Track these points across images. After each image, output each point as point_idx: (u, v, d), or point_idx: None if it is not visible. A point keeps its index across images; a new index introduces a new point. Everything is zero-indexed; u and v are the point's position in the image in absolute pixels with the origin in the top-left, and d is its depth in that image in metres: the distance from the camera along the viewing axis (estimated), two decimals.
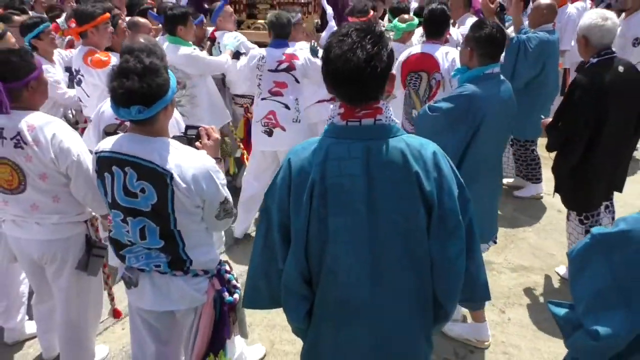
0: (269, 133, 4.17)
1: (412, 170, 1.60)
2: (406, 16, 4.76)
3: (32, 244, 2.58)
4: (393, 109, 1.71)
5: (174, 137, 2.17)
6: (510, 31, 4.85)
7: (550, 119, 3.46)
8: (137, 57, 2.02)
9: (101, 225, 2.80)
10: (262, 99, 4.16)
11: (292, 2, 5.57)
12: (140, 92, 1.94)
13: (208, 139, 2.25)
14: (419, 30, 4.59)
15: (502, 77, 2.87)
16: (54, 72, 4.20)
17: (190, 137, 2.24)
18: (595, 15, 3.24)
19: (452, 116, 2.72)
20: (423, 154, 1.62)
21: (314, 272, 1.73)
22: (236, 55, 4.45)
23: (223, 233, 2.42)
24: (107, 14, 3.90)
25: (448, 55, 3.73)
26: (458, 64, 3.37)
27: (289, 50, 4.10)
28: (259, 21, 5.69)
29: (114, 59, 3.64)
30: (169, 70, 2.09)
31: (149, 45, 2.65)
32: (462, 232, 1.67)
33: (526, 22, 4.87)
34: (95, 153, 2.14)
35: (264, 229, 1.80)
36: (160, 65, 2.04)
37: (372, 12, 4.97)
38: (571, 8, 6.27)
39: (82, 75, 3.85)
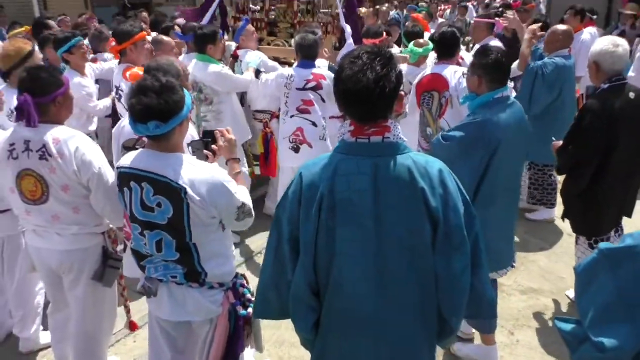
0: (296, 149, 4.30)
1: (418, 186, 1.64)
2: (421, 40, 4.87)
3: (52, 253, 2.64)
4: (407, 129, 1.76)
5: (191, 142, 2.27)
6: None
7: (560, 142, 3.47)
8: (154, 75, 2.13)
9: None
10: (291, 116, 4.30)
11: (311, 22, 5.73)
12: (158, 108, 2.02)
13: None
14: (433, 54, 4.68)
15: (511, 98, 2.88)
16: (87, 85, 4.35)
17: (207, 140, 2.35)
18: (606, 42, 3.26)
19: (464, 144, 2.74)
20: (429, 171, 1.67)
21: (321, 283, 1.77)
22: (256, 73, 4.60)
23: (234, 246, 2.47)
24: (144, 33, 4.10)
25: (456, 74, 3.81)
26: (464, 82, 3.42)
27: (316, 70, 4.28)
28: (279, 40, 5.85)
29: None
30: (184, 89, 2.18)
31: (164, 65, 2.76)
32: (467, 247, 1.70)
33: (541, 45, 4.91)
34: (117, 168, 2.23)
35: (274, 241, 1.85)
36: (176, 83, 2.13)
37: (384, 35, 5.19)
38: (585, 34, 6.31)
39: (122, 91, 4.01)
